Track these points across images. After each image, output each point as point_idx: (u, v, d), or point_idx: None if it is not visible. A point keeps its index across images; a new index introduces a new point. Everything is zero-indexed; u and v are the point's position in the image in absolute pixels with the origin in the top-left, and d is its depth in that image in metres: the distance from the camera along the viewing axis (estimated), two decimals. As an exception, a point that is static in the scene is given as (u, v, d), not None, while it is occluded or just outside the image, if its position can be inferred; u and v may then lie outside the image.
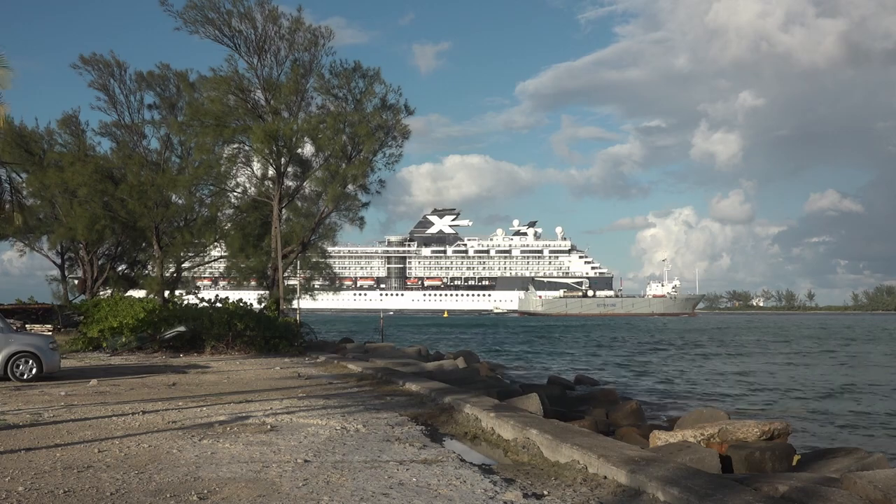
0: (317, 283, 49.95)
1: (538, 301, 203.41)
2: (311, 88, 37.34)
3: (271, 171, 37.86)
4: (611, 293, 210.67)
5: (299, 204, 40.54)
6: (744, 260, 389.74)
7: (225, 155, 38.81)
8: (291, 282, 43.24)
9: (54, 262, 57.50)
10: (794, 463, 11.99)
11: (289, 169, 37.95)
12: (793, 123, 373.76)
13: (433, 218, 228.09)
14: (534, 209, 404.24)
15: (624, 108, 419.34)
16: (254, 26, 35.95)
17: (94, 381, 18.23)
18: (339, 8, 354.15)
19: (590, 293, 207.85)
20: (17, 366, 18.69)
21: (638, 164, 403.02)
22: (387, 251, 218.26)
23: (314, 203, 40.32)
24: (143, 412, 13.49)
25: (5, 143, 44.59)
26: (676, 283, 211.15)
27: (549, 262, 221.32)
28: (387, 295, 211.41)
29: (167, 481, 8.35)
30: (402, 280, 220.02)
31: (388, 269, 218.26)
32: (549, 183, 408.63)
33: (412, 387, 17.28)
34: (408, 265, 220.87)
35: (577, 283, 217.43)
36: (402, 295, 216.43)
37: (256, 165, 38.92)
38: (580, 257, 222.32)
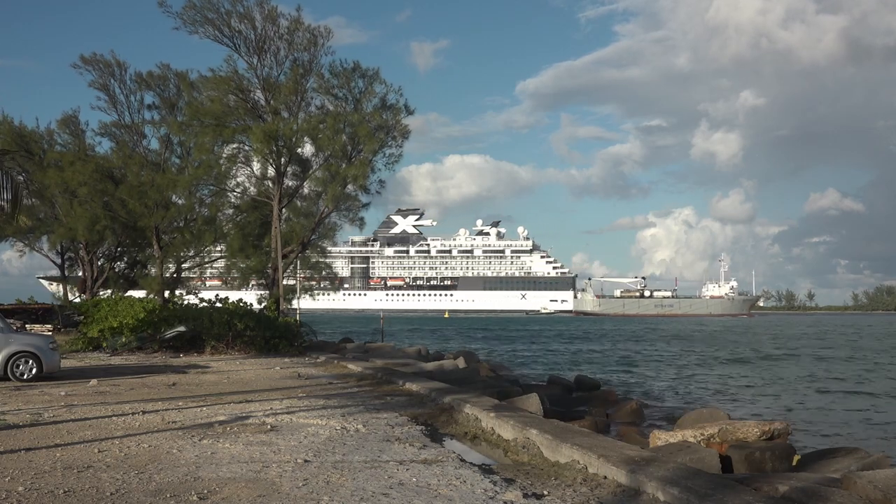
0: (315, 283, 49.90)
1: (595, 301, 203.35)
2: (311, 88, 37.34)
3: (271, 171, 37.85)
4: (668, 293, 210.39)
5: (299, 204, 40.52)
6: (744, 260, 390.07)
7: (225, 155, 38.79)
8: (291, 282, 43.21)
9: (54, 262, 57.53)
10: (794, 463, 12.00)
11: (289, 169, 37.94)
12: (793, 123, 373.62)
13: (397, 218, 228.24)
14: (533, 209, 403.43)
15: (624, 107, 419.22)
16: (253, 26, 35.92)
17: (94, 381, 18.22)
18: (336, 6, 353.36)
19: (646, 293, 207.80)
20: (17, 366, 18.68)
21: (638, 163, 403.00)
22: (350, 251, 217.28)
23: (314, 203, 40.31)
24: (143, 412, 13.49)
25: (5, 143, 44.58)
26: (734, 283, 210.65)
27: (511, 262, 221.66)
28: (350, 295, 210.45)
29: (167, 481, 8.36)
30: (365, 280, 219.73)
31: (352, 269, 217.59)
32: (549, 183, 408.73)
33: (412, 387, 17.28)
34: (371, 265, 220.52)
35: (539, 282, 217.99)
36: (365, 295, 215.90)
37: (256, 165, 38.90)
38: (542, 257, 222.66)
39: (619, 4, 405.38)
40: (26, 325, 33.23)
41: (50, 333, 28.53)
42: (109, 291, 49.80)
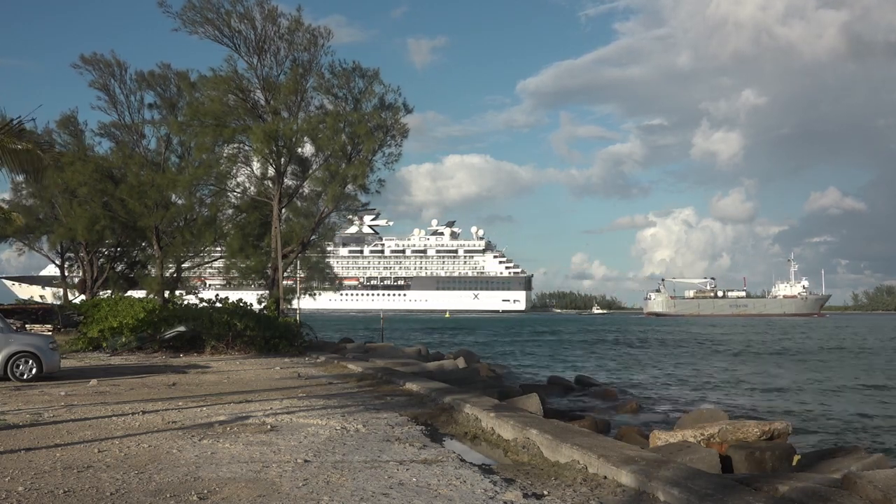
0: (316, 283, 49.91)
1: (669, 302, 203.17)
2: (311, 88, 37.33)
3: (271, 171, 37.85)
4: (742, 293, 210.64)
5: (299, 204, 40.52)
6: (744, 259, 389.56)
7: (225, 155, 38.78)
8: (290, 281, 43.21)
9: (54, 262, 57.59)
10: (794, 463, 11.99)
11: (289, 169, 37.94)
12: (794, 121, 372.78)
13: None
14: (533, 209, 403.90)
15: (625, 106, 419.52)
16: (253, 26, 35.93)
17: (94, 381, 18.22)
18: (332, 2, 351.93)
19: (719, 293, 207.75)
20: (17, 366, 18.67)
21: (638, 163, 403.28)
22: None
23: (314, 203, 40.30)
24: (143, 412, 13.48)
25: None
26: (805, 282, 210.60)
27: (465, 262, 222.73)
28: (305, 295, 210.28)
29: (167, 481, 8.35)
30: (319, 280, 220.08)
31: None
32: (549, 182, 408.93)
33: (412, 387, 17.28)
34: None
35: (491, 282, 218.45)
36: (320, 294, 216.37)
37: (256, 165, 38.90)
38: (494, 257, 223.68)
39: (620, 3, 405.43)
40: (26, 325, 33.25)
41: (50, 333, 28.53)
42: (109, 291, 49.84)
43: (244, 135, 36.61)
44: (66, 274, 57.92)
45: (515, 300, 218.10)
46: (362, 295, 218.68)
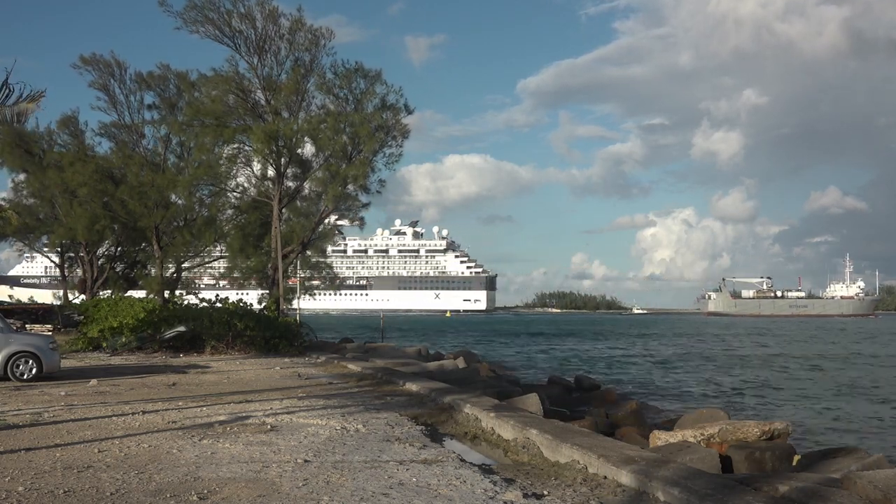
0: (315, 282, 49.91)
1: (730, 302, 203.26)
2: (312, 88, 37.34)
3: (271, 172, 37.86)
4: (801, 294, 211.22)
5: (299, 204, 40.52)
6: (744, 259, 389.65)
7: (225, 155, 38.78)
8: (292, 282, 43.22)
9: (54, 262, 57.60)
10: (794, 463, 12.00)
11: (289, 169, 37.94)
12: (795, 121, 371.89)
13: None
14: (534, 209, 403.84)
15: (625, 105, 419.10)
16: (254, 26, 35.94)
17: (94, 381, 18.21)
18: (329, 2, 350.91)
19: (778, 293, 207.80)
20: (17, 366, 18.66)
21: (639, 163, 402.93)
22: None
23: (314, 203, 40.30)
24: (144, 412, 13.48)
25: (4, 143, 44.63)
26: (861, 283, 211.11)
27: (426, 262, 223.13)
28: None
29: (167, 481, 8.35)
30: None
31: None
32: (549, 182, 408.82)
33: (412, 387, 17.28)
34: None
35: (453, 282, 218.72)
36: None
37: (256, 165, 38.91)
38: (456, 257, 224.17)
39: (620, 2, 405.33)
40: (26, 325, 33.25)
41: (50, 333, 28.53)
42: (109, 291, 49.86)
43: (244, 135, 36.62)
44: (67, 274, 57.95)
45: (476, 300, 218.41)
46: (324, 295, 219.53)
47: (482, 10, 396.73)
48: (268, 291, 39.10)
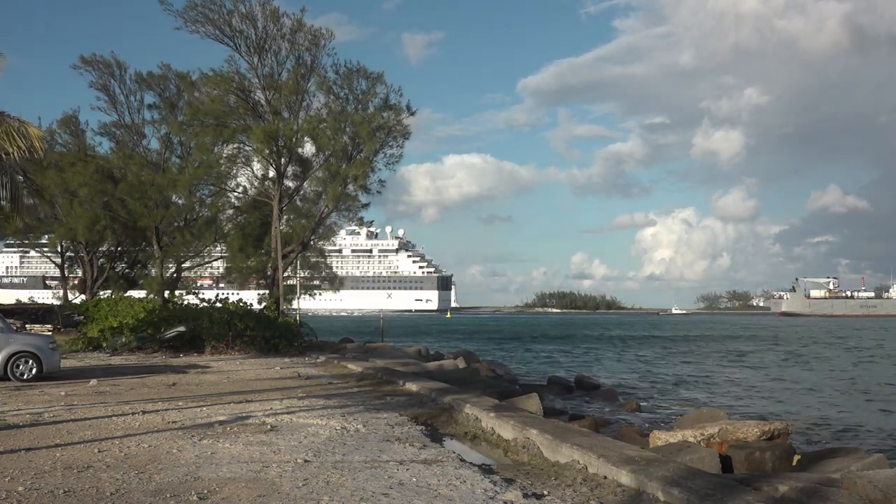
0: (316, 282, 49.90)
1: (805, 302, 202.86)
2: (313, 88, 37.35)
3: (271, 172, 37.86)
4: (871, 294, 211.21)
5: (299, 204, 40.52)
6: (744, 259, 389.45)
7: (225, 155, 38.79)
8: (290, 282, 43.21)
9: (54, 262, 57.61)
10: (794, 463, 12.00)
11: (289, 169, 37.95)
12: (796, 120, 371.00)
13: None
14: (534, 208, 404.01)
15: (626, 104, 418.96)
16: (254, 26, 35.95)
17: (94, 381, 18.22)
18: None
19: (847, 293, 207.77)
20: (17, 366, 18.67)
21: (640, 162, 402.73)
22: (224, 250, 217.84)
23: (314, 203, 40.31)
24: (143, 412, 13.49)
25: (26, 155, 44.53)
26: None
27: (379, 262, 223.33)
28: (224, 294, 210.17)
29: (167, 481, 8.35)
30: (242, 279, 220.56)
31: (227, 267, 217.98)
32: (550, 182, 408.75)
33: (412, 387, 17.28)
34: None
35: (405, 281, 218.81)
36: (237, 294, 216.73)
37: (256, 165, 38.91)
38: (408, 256, 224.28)
39: (621, 0, 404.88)
40: (26, 325, 33.26)
41: (50, 333, 28.53)
42: (109, 291, 49.88)
43: (244, 135, 36.62)
44: (67, 274, 57.96)
45: (428, 300, 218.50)
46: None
47: (480, 8, 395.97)
48: (267, 291, 39.10)
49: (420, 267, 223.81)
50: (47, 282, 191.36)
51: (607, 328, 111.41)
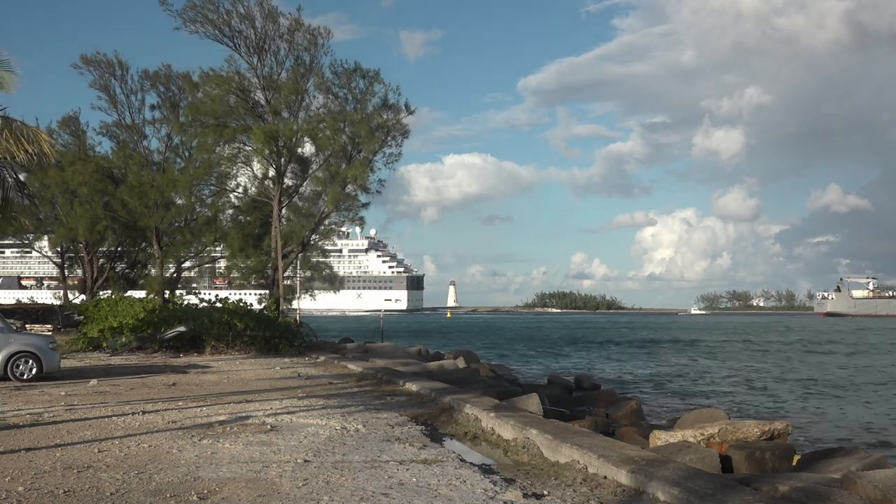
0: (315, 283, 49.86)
1: (851, 303, 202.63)
2: (312, 88, 37.36)
3: (271, 172, 37.86)
4: None
5: (299, 204, 40.52)
6: (744, 259, 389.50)
7: (225, 155, 38.78)
8: (289, 281, 43.21)
9: (55, 262, 57.60)
10: (794, 463, 11.98)
11: (289, 169, 37.94)
12: (797, 119, 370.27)
13: None
14: (534, 208, 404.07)
15: (627, 104, 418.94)
16: (253, 26, 35.96)
17: (94, 381, 18.22)
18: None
19: (891, 293, 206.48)
20: (17, 366, 18.67)
21: (640, 161, 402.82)
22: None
23: (314, 203, 40.30)
24: (144, 412, 13.49)
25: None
26: None
27: (349, 261, 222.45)
28: (196, 294, 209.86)
29: (167, 481, 8.35)
30: (209, 278, 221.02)
31: (199, 268, 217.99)
32: (550, 181, 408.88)
33: (412, 387, 17.27)
34: (215, 263, 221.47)
35: (374, 281, 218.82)
36: (209, 294, 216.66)
37: (257, 165, 38.89)
38: (378, 256, 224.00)
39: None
40: (26, 325, 33.26)
41: (50, 333, 28.53)
42: (109, 291, 49.85)
43: (245, 135, 36.63)
44: (67, 274, 57.95)
45: (397, 300, 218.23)
46: (248, 295, 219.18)
47: (479, 6, 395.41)
48: (267, 291, 39.09)
49: (390, 267, 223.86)
50: (22, 282, 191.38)
51: (631, 330, 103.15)
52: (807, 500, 7.39)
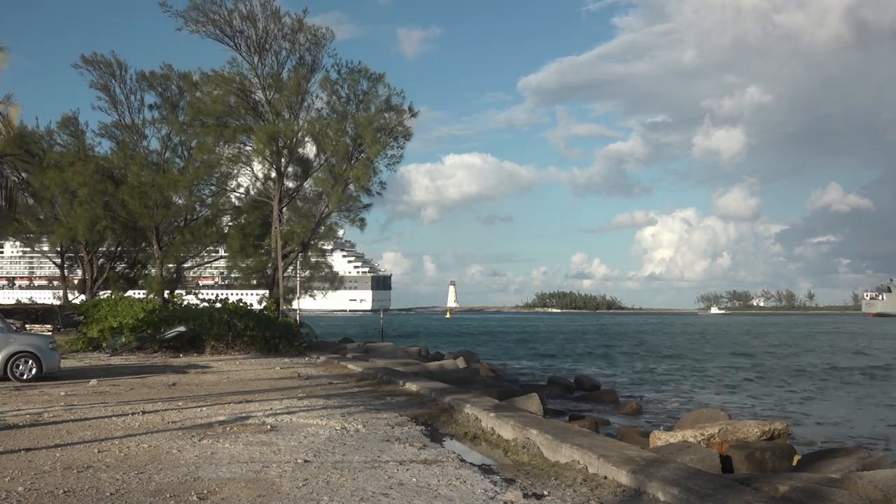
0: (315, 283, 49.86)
1: None
2: (314, 88, 37.36)
3: (272, 172, 37.86)
4: None
5: (299, 204, 40.53)
6: (744, 259, 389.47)
7: (226, 155, 38.78)
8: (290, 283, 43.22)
9: (54, 263, 57.60)
10: (794, 463, 11.99)
11: (289, 169, 37.96)
12: (798, 118, 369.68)
13: None
14: (534, 208, 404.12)
15: (627, 103, 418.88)
16: (255, 26, 35.96)
17: (93, 382, 18.21)
18: None
19: None
20: (17, 366, 18.66)
21: (641, 161, 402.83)
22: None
23: (315, 203, 40.31)
24: (143, 412, 13.48)
25: (6, 142, 44.56)
26: None
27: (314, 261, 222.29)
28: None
29: (167, 481, 8.35)
30: (177, 279, 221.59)
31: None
32: (550, 181, 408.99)
33: (412, 387, 17.27)
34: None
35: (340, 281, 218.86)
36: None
37: (257, 166, 38.90)
38: (344, 256, 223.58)
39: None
40: (26, 325, 33.26)
41: (50, 333, 28.52)
42: (109, 291, 49.85)
43: (246, 135, 36.64)
44: (66, 274, 57.95)
45: (362, 300, 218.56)
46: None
47: (479, 5, 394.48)
48: (267, 291, 39.09)
49: (356, 267, 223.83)
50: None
51: (651, 335, 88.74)
52: (806, 501, 7.39)
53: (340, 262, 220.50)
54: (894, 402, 28.48)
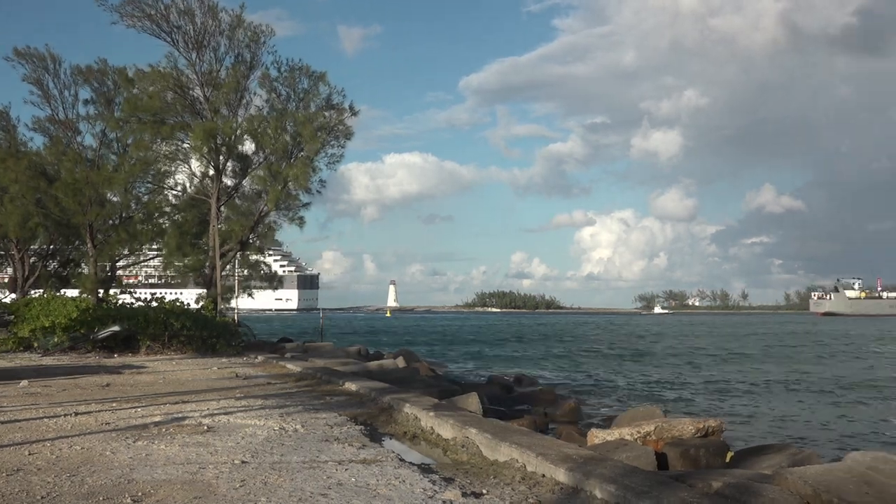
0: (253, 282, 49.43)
1: (848, 303, 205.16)
2: (253, 86, 36.99)
3: (210, 169, 37.39)
4: (895, 295, 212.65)
5: (238, 202, 40.09)
6: (681, 259, 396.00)
7: (163, 152, 38.19)
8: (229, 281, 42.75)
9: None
10: (727, 459, 12.23)
11: (228, 167, 37.51)
12: (734, 122, 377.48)
13: None
14: (475, 208, 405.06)
15: (567, 104, 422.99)
16: (192, 21, 35.45)
17: (24, 382, 17.78)
18: None
19: (884, 294, 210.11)
20: (-56, 367, 18.17)
21: (580, 162, 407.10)
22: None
23: (254, 202, 39.92)
24: (76, 413, 13.19)
25: None
26: None
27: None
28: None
29: (100, 484, 8.19)
30: (111, 278, 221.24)
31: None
32: (491, 181, 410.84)
33: (352, 386, 17.20)
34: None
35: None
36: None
37: (195, 163, 38.40)
38: (269, 255, 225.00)
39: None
40: (-47, 325, 32.33)
41: (-22, 333, 27.78)
42: (41, 290, 48.75)
43: (183, 132, 36.12)
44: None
45: (288, 299, 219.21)
46: (142, 293, 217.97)
47: (420, 3, 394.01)
48: (205, 290, 38.59)
49: (282, 266, 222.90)
50: None
51: (611, 337, 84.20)
52: (739, 496, 7.54)
53: (266, 261, 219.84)
54: (824, 398, 29.22)
